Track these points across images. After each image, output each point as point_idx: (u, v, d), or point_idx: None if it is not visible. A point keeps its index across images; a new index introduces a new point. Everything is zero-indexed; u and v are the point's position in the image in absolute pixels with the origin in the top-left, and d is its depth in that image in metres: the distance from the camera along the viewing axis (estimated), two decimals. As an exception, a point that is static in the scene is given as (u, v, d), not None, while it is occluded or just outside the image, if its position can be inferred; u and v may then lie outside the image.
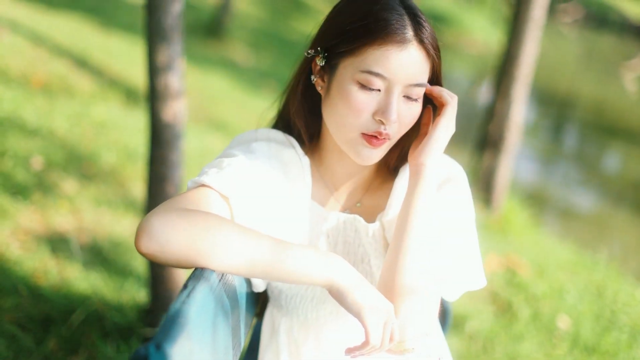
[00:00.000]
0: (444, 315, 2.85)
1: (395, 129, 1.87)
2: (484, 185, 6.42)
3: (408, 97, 1.86)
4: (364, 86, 1.82)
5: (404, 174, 2.04)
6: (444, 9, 16.66)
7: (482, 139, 6.54)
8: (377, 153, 1.89)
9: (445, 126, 1.95)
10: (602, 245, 6.59)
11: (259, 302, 2.26)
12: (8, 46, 7.24)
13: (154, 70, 3.42)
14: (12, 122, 5.51)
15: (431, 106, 2.01)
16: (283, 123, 2.12)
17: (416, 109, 1.89)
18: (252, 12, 12.97)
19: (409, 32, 1.83)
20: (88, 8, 9.49)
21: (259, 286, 1.98)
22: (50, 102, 6.22)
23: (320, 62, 1.92)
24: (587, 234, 7.56)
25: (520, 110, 6.28)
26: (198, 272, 1.61)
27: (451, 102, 1.95)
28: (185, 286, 1.54)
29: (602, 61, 20.06)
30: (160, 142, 3.49)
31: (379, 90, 1.82)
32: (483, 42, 16.15)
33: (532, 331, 4.64)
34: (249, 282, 1.98)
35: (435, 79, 1.94)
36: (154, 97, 3.45)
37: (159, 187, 3.54)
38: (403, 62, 1.81)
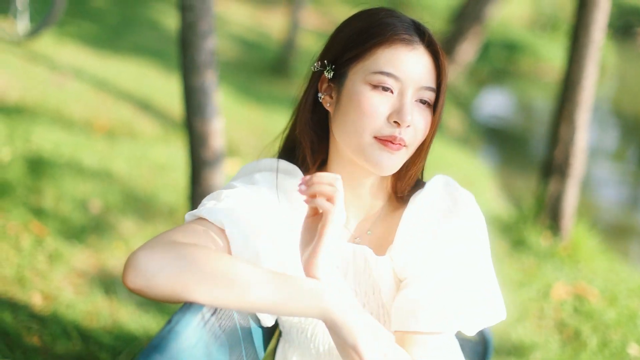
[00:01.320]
0: (485, 348, 2.76)
1: (411, 135, 1.84)
2: (550, 213, 6.26)
3: (420, 102, 1.85)
4: (376, 87, 1.81)
5: (413, 204, 1.95)
6: (519, 38, 16.48)
7: (547, 165, 6.39)
8: (396, 160, 1.85)
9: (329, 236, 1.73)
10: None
11: (272, 336, 2.20)
12: (72, 93, 7.36)
13: (190, 108, 3.43)
14: (71, 167, 5.57)
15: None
16: (286, 151, 2.09)
17: (428, 116, 1.87)
18: (317, 48, 13.00)
19: (416, 37, 1.84)
20: (152, 52, 9.60)
21: (266, 320, 1.91)
22: (111, 146, 6.28)
23: (328, 74, 1.91)
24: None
25: (584, 135, 6.12)
26: (185, 307, 1.56)
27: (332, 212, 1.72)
28: (169, 321, 1.50)
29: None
30: (200, 180, 3.48)
31: (392, 92, 1.81)
32: (559, 69, 15.91)
33: (600, 360, 4.49)
34: (255, 316, 1.93)
35: (440, 88, 1.89)
36: (192, 135, 3.45)
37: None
38: (414, 63, 1.82)
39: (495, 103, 14.53)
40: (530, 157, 10.59)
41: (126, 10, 11.43)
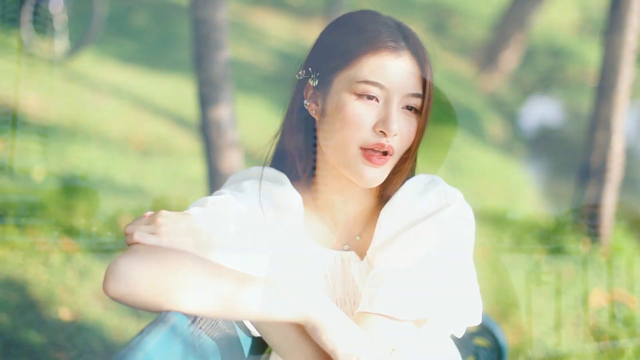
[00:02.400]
0: (499, 356, 2.71)
1: (397, 143, 1.81)
2: (588, 219, 6.16)
3: (406, 109, 1.82)
4: (361, 96, 1.78)
5: (390, 203, 1.91)
6: (566, 44, 16.30)
7: (584, 171, 6.30)
8: (380, 173, 1.83)
9: None
10: None
11: (266, 346, 2.17)
12: (109, 111, 7.41)
13: (205, 121, 3.43)
14: (105, 184, 5.60)
15: None
16: (278, 158, 2.07)
17: (414, 122, 1.84)
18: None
19: (402, 42, 1.81)
20: (190, 68, 9.63)
21: (255, 330, 1.88)
22: (145, 162, 6.30)
23: (313, 82, 1.88)
24: None
25: (621, 139, 6.03)
26: (159, 317, 1.52)
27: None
28: (140, 332, 1.46)
29: None
30: (218, 192, 3.47)
31: (377, 101, 1.78)
32: (605, 74, 15.66)
33: (637, 367, 4.41)
34: (244, 326, 1.90)
35: (427, 93, 1.85)
36: (209, 147, 3.45)
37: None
38: (399, 71, 1.78)
39: (540, 110, 14.37)
40: (577, 164, 10.48)
41: (165, 27, 11.48)
